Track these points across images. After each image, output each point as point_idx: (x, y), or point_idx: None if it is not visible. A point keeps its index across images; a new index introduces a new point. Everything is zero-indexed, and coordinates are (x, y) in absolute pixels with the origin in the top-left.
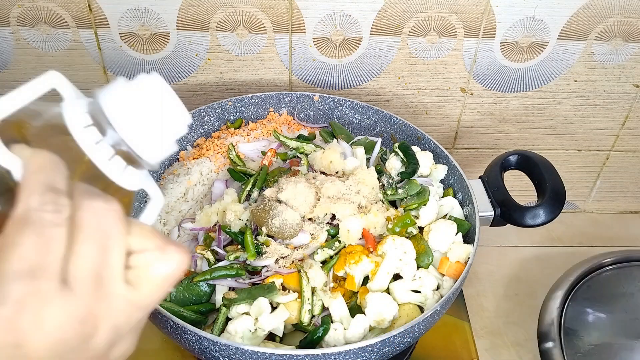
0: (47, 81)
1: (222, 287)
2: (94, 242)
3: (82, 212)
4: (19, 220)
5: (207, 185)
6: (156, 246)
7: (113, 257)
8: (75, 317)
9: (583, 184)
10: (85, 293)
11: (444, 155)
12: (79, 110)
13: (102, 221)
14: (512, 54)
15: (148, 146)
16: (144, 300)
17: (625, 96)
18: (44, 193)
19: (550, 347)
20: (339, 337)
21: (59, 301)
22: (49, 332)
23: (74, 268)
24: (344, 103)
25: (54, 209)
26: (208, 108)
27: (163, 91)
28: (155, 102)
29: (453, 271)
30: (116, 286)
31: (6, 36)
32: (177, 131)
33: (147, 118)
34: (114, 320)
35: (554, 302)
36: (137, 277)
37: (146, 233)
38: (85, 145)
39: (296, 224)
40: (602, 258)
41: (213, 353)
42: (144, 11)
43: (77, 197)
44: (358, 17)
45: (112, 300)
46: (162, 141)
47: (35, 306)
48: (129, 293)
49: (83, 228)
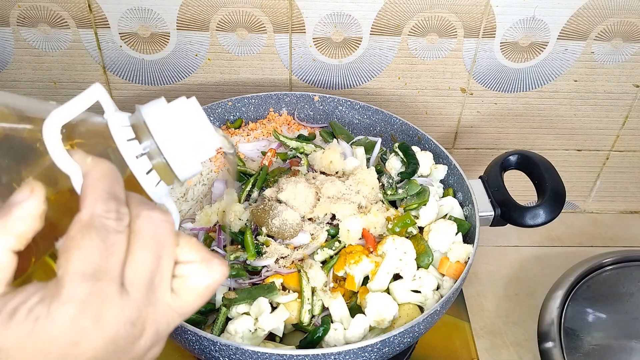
0: (95, 93)
1: (222, 287)
2: (150, 250)
3: (141, 221)
4: (84, 225)
5: (207, 185)
6: (202, 258)
7: (165, 265)
8: (128, 318)
9: (583, 184)
10: (139, 297)
11: (444, 155)
12: (123, 124)
13: (158, 231)
14: (512, 54)
15: (182, 163)
16: (184, 307)
17: (625, 96)
18: (107, 201)
19: (550, 347)
20: (339, 337)
21: (118, 303)
22: (105, 331)
23: (132, 273)
24: (344, 103)
25: (116, 216)
26: (208, 108)
27: (199, 114)
28: (191, 123)
29: (453, 271)
30: (164, 293)
31: (6, 36)
32: (206, 153)
33: (183, 137)
34: (157, 324)
35: (554, 302)
36: (181, 286)
37: (193, 246)
38: (128, 158)
39: (296, 224)
40: (602, 258)
41: (213, 353)
42: (144, 11)
43: (135, 206)
44: (358, 17)
45: (158, 305)
46: (193, 160)
47: (97, 307)
48: (172, 300)
49: (141, 236)
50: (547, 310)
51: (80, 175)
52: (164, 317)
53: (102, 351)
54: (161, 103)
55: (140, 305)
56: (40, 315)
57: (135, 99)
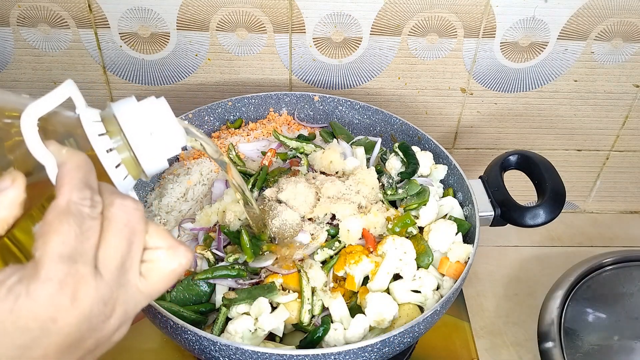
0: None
1: (222, 287)
2: (123, 236)
3: (115, 208)
4: (61, 211)
5: (207, 185)
6: (169, 245)
7: (135, 250)
8: (101, 298)
9: (583, 184)
10: (111, 279)
11: (444, 155)
12: (94, 118)
13: (130, 218)
14: (512, 54)
15: (149, 158)
16: (151, 290)
17: (625, 96)
18: (82, 189)
19: (550, 347)
20: (339, 337)
21: (92, 283)
22: (80, 309)
23: (105, 256)
24: (344, 103)
25: (90, 204)
26: (208, 108)
27: (167, 113)
28: (160, 121)
29: (453, 271)
30: (134, 276)
31: (6, 36)
32: (172, 150)
33: (151, 133)
34: (126, 305)
35: (554, 302)
36: (149, 270)
37: (161, 233)
38: (99, 151)
39: (296, 224)
40: (602, 258)
41: (213, 353)
42: (144, 11)
43: (108, 195)
44: (358, 17)
45: (128, 287)
46: (160, 156)
47: (74, 286)
48: (140, 283)
49: (114, 223)
50: (547, 310)
51: (55, 166)
52: (132, 298)
53: (77, 327)
54: (131, 101)
55: (112, 287)
56: (20, 293)
57: None
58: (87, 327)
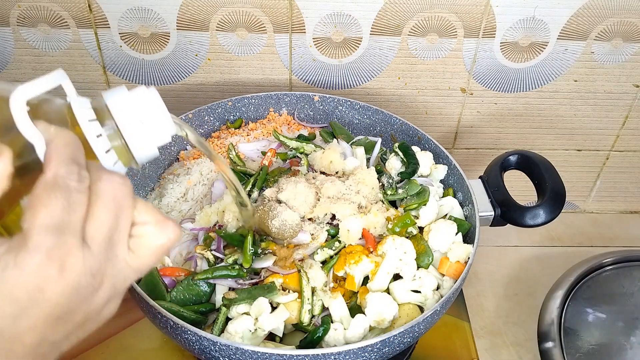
0: (57, 77)
1: (222, 287)
2: (110, 209)
3: (102, 183)
4: (49, 184)
5: (207, 185)
6: (156, 220)
7: (123, 224)
8: (89, 270)
9: (583, 184)
10: (99, 251)
11: (444, 155)
12: (86, 105)
13: (117, 193)
14: (512, 54)
15: (140, 145)
16: (139, 264)
17: (625, 96)
18: (69, 164)
19: (550, 347)
20: (339, 337)
21: (80, 255)
22: (68, 280)
23: (93, 229)
24: (344, 103)
25: (78, 178)
26: (208, 108)
27: (157, 102)
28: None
29: (453, 271)
30: (122, 250)
31: (6, 36)
32: (162, 138)
33: (142, 122)
34: (114, 279)
35: (554, 302)
36: (137, 245)
37: (148, 209)
38: (89, 136)
39: (295, 225)
40: (602, 258)
41: (213, 353)
42: (144, 11)
43: (95, 171)
44: (358, 17)
45: (116, 261)
46: (151, 144)
47: (61, 257)
48: (129, 257)
49: (102, 197)
50: (547, 310)
51: (43, 144)
52: (120, 272)
53: (65, 298)
54: (122, 90)
55: (100, 259)
56: (8, 264)
57: None
58: (76, 299)
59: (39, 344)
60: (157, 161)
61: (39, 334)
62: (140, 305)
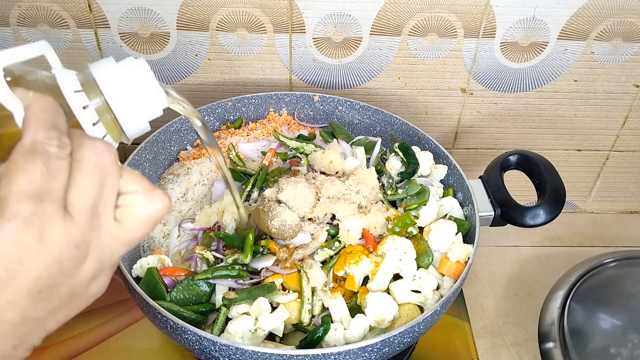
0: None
1: (222, 287)
2: (94, 177)
3: (85, 150)
4: (27, 150)
5: (207, 185)
6: (144, 189)
7: (108, 193)
8: (72, 240)
9: (583, 184)
10: (82, 221)
11: (444, 155)
12: (71, 77)
13: (101, 160)
14: (512, 54)
15: (129, 119)
16: (128, 236)
17: (625, 96)
18: (48, 129)
19: (551, 348)
20: (339, 337)
21: (61, 223)
22: (49, 250)
23: (75, 197)
24: (344, 103)
25: (58, 143)
26: (208, 108)
27: (146, 74)
28: (140, 82)
29: (453, 271)
30: (108, 220)
31: (6, 36)
32: (153, 111)
33: (131, 94)
34: (100, 251)
35: (555, 303)
36: (125, 215)
37: (135, 178)
38: (75, 108)
39: (295, 225)
40: (602, 258)
41: (213, 353)
42: (144, 11)
43: (77, 137)
44: (358, 17)
45: (102, 232)
46: (141, 117)
47: (41, 225)
48: (115, 228)
49: (85, 164)
50: (547, 310)
51: (22, 110)
52: (107, 244)
53: (46, 270)
54: (110, 61)
55: (83, 229)
56: None
57: None
58: (58, 271)
59: (20, 321)
60: (157, 161)
61: (20, 310)
62: (140, 305)
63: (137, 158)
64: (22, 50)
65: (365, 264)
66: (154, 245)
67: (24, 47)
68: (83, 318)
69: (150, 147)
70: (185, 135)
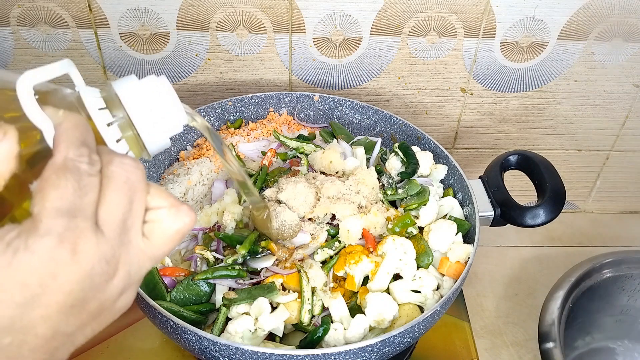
0: (64, 65)
1: (222, 287)
2: (123, 193)
3: (114, 166)
4: (58, 167)
5: (207, 185)
6: (170, 204)
7: (136, 208)
8: (103, 255)
9: (583, 184)
10: (113, 236)
11: (444, 155)
12: (94, 94)
13: (130, 176)
14: (512, 54)
15: (151, 135)
16: (155, 251)
17: (625, 96)
18: (79, 147)
19: (551, 348)
20: (339, 337)
21: (93, 239)
22: (82, 265)
23: (105, 213)
24: (344, 103)
25: (88, 160)
26: (208, 108)
27: (168, 91)
28: (161, 99)
29: (453, 271)
30: (136, 236)
31: (6, 36)
32: (174, 128)
33: (153, 111)
34: (129, 266)
35: (555, 303)
36: (152, 230)
37: (162, 193)
38: (99, 125)
39: (295, 225)
40: (602, 258)
41: (213, 353)
42: (144, 11)
43: (106, 154)
44: (358, 17)
45: (130, 247)
46: (162, 134)
47: (74, 241)
48: (143, 243)
49: (114, 180)
50: (547, 310)
51: (52, 128)
52: (136, 259)
53: (79, 285)
54: (132, 79)
55: (113, 245)
56: (19, 247)
57: None
58: (90, 286)
59: (52, 335)
60: (157, 161)
61: (52, 324)
62: (140, 305)
63: None
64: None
65: (365, 264)
66: None
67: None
68: None
69: None
70: (185, 135)
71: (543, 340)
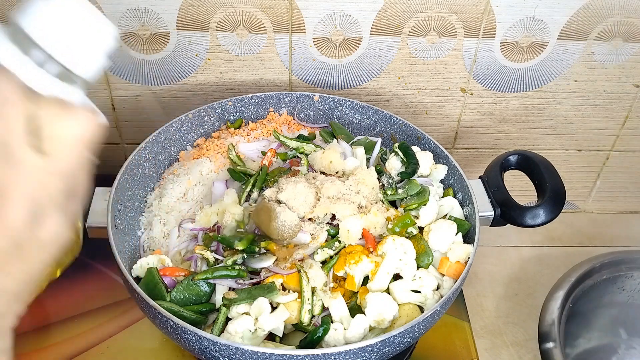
0: None
1: (222, 287)
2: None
3: None
4: None
5: (207, 185)
6: (63, 110)
7: (13, 122)
8: None
9: (583, 184)
10: None
11: (444, 155)
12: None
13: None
14: (512, 54)
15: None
16: (59, 166)
17: (625, 96)
18: None
19: (551, 347)
20: (339, 337)
21: None
22: None
23: None
24: (344, 103)
25: None
26: (208, 108)
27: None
28: (77, 16)
29: (453, 271)
30: (23, 152)
31: None
32: (104, 43)
33: (70, 32)
34: (25, 189)
35: (555, 303)
36: (50, 145)
37: (52, 101)
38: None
39: (295, 225)
40: (603, 258)
41: (213, 353)
42: (144, 11)
43: None
44: (358, 17)
45: (21, 168)
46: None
47: None
48: (40, 160)
49: None
50: (547, 310)
51: None
52: (33, 180)
53: None
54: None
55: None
56: None
57: (136, 99)
58: None
59: None
60: (157, 161)
61: None
62: (140, 305)
63: (137, 158)
64: None
65: (365, 264)
66: (154, 245)
67: None
68: (83, 318)
69: (150, 147)
70: (185, 135)
71: (543, 340)
